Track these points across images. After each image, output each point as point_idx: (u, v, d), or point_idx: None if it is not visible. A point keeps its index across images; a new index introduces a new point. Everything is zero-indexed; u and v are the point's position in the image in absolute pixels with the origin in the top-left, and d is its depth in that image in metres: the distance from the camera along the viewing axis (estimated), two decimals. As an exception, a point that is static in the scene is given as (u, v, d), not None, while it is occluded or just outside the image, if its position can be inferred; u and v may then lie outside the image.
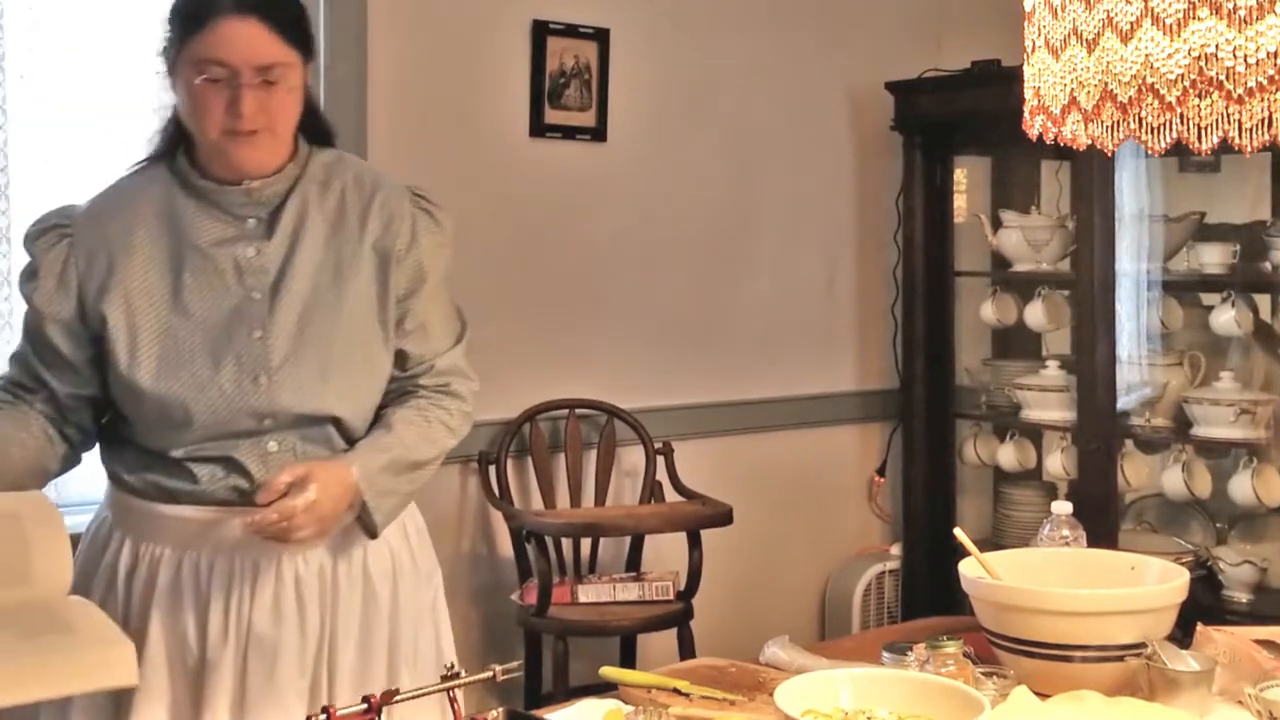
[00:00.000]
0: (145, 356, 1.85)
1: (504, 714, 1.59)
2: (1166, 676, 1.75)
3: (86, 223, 1.91)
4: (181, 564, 1.88)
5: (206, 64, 1.82)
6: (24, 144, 3.12)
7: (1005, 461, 4.20)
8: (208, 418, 1.85)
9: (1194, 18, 1.47)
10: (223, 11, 1.82)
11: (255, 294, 1.88)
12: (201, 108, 1.84)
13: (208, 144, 1.87)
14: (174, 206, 1.90)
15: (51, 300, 1.88)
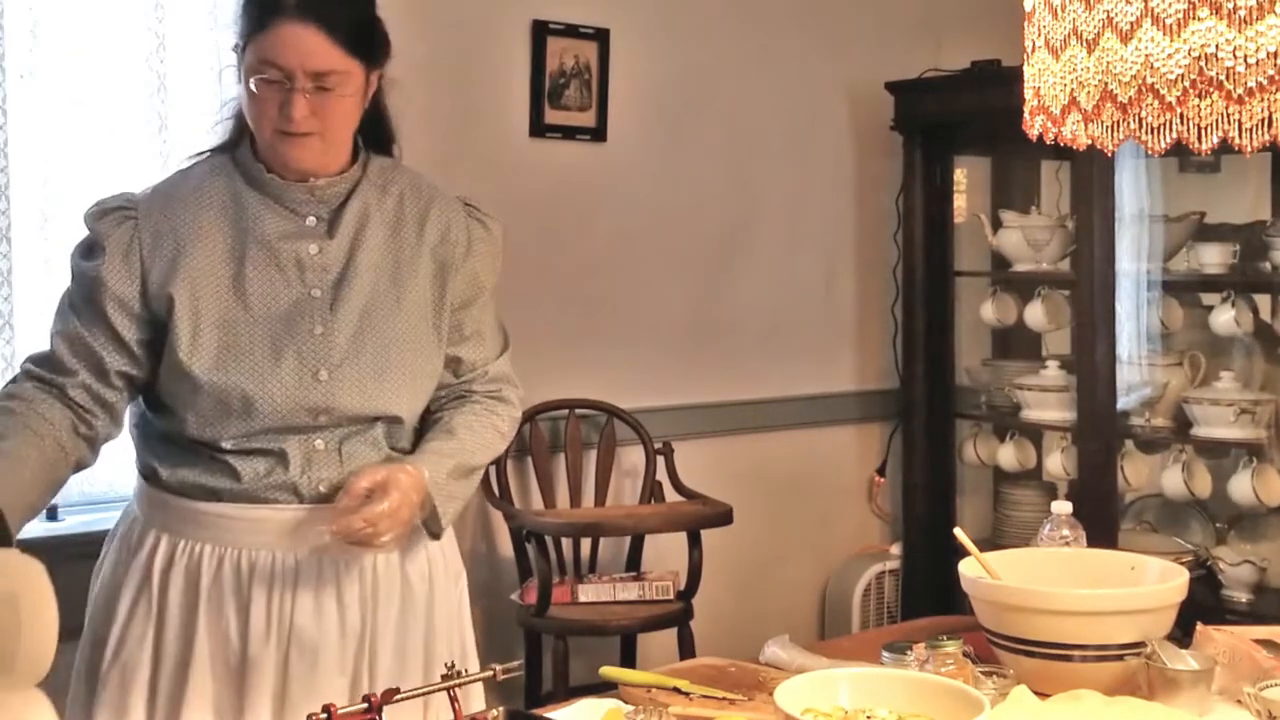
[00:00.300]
0: (206, 344, 1.85)
1: (504, 714, 1.59)
2: (1166, 676, 1.76)
3: (151, 208, 1.90)
4: (223, 561, 1.88)
5: (263, 65, 1.84)
6: (24, 144, 3.12)
7: (1005, 461, 4.20)
8: (266, 408, 1.85)
9: (1194, 18, 1.47)
10: (284, 14, 1.83)
11: (315, 291, 1.90)
12: (257, 106, 1.86)
13: (263, 141, 1.90)
14: (238, 198, 1.91)
15: (116, 275, 1.86)
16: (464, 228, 2.03)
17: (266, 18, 1.84)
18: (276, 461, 1.88)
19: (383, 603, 1.94)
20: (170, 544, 1.91)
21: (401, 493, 1.83)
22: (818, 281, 4.39)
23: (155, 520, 1.93)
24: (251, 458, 1.87)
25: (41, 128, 3.15)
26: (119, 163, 3.25)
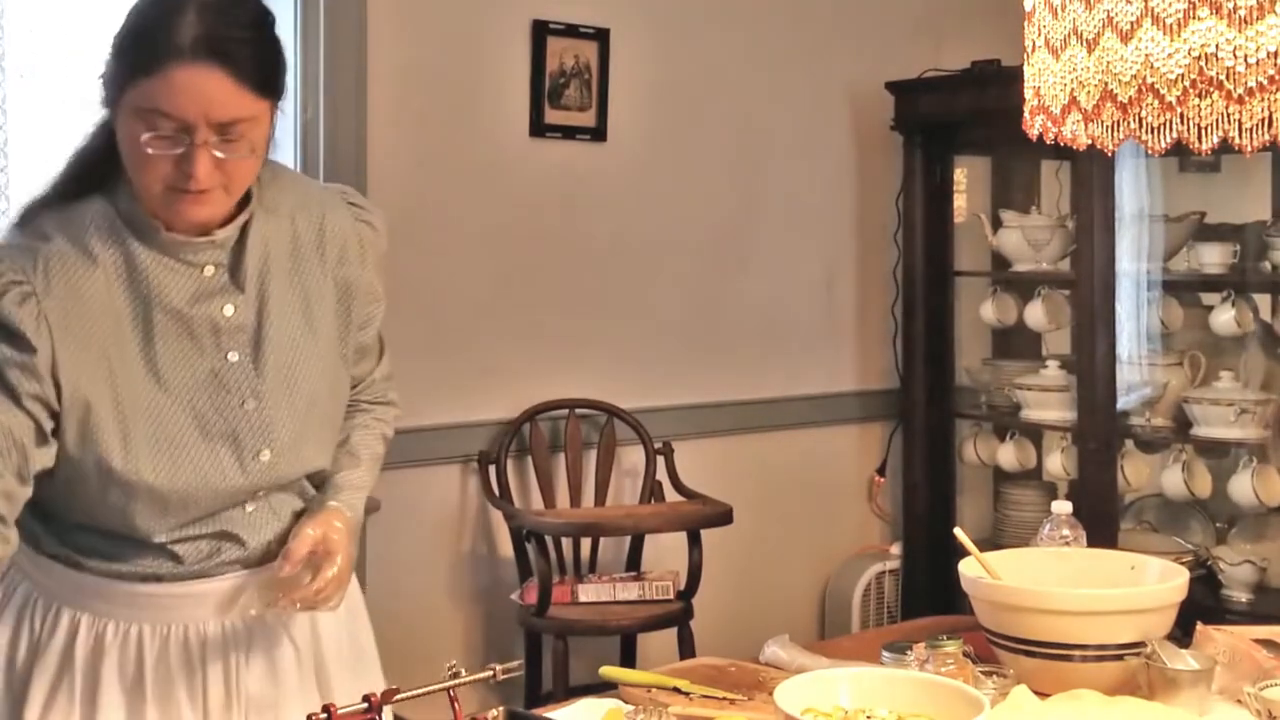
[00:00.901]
0: (137, 444, 1.61)
1: (504, 714, 1.59)
2: (1166, 676, 1.75)
3: (50, 282, 1.57)
4: (168, 640, 1.70)
5: (153, 115, 1.54)
6: (24, 143, 3.13)
7: (1005, 461, 4.20)
8: (206, 500, 1.66)
9: (1194, 17, 1.47)
10: (179, 57, 1.52)
11: (232, 354, 1.66)
12: (144, 162, 1.56)
13: (150, 198, 1.60)
14: (131, 258, 1.62)
15: (34, 365, 1.56)
16: (356, 236, 1.79)
17: (157, 60, 1.52)
18: (219, 539, 1.70)
19: (330, 648, 1.82)
20: (96, 626, 1.68)
21: (344, 552, 1.71)
22: (818, 281, 4.39)
23: (70, 599, 1.69)
24: (193, 542, 1.69)
25: (41, 128, 3.15)
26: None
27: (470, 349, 3.72)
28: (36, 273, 1.57)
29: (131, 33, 1.57)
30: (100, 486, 1.62)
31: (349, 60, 3.44)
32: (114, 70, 1.59)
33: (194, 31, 1.52)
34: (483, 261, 3.73)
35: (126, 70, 1.56)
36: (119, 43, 1.58)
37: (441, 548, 3.71)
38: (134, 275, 1.62)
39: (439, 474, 3.68)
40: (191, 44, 1.52)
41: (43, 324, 1.56)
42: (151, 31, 1.54)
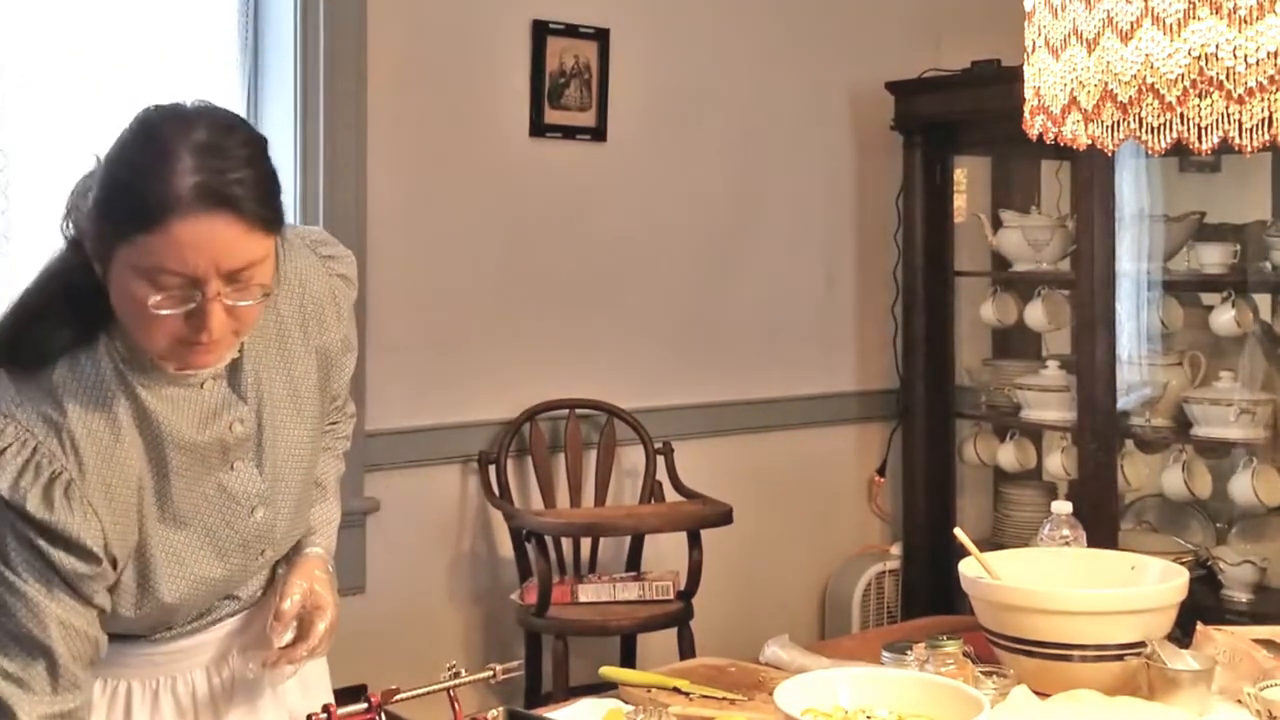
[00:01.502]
0: (157, 583, 1.57)
1: (504, 714, 1.59)
2: (1166, 676, 1.75)
3: (78, 460, 1.49)
4: (158, 691, 1.68)
5: (158, 273, 1.40)
6: (24, 144, 3.12)
7: (1005, 461, 4.20)
8: (213, 604, 1.68)
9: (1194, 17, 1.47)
10: (181, 209, 1.38)
11: (238, 465, 1.61)
12: (149, 322, 1.44)
13: (155, 351, 1.49)
14: (138, 400, 1.53)
15: (101, 570, 1.51)
16: (332, 297, 1.73)
17: (156, 216, 1.38)
18: (214, 602, 1.69)
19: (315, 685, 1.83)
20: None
21: (332, 605, 1.71)
22: (818, 281, 4.39)
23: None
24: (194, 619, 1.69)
25: (42, 128, 3.15)
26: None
27: (470, 349, 3.72)
28: (68, 455, 1.48)
29: (121, 187, 1.43)
30: (111, 615, 1.57)
31: (349, 60, 3.44)
32: (103, 229, 1.44)
33: (193, 179, 1.39)
34: (483, 261, 3.73)
35: (121, 228, 1.41)
36: (106, 198, 1.44)
37: (441, 548, 3.71)
38: (144, 421, 1.54)
39: (439, 474, 3.68)
40: (191, 193, 1.39)
41: (89, 512, 1.49)
42: (144, 184, 1.40)
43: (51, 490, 1.46)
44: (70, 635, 1.49)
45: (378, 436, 3.56)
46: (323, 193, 3.40)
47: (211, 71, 3.37)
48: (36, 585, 1.46)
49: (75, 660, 1.49)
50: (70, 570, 1.47)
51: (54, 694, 1.48)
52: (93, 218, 1.45)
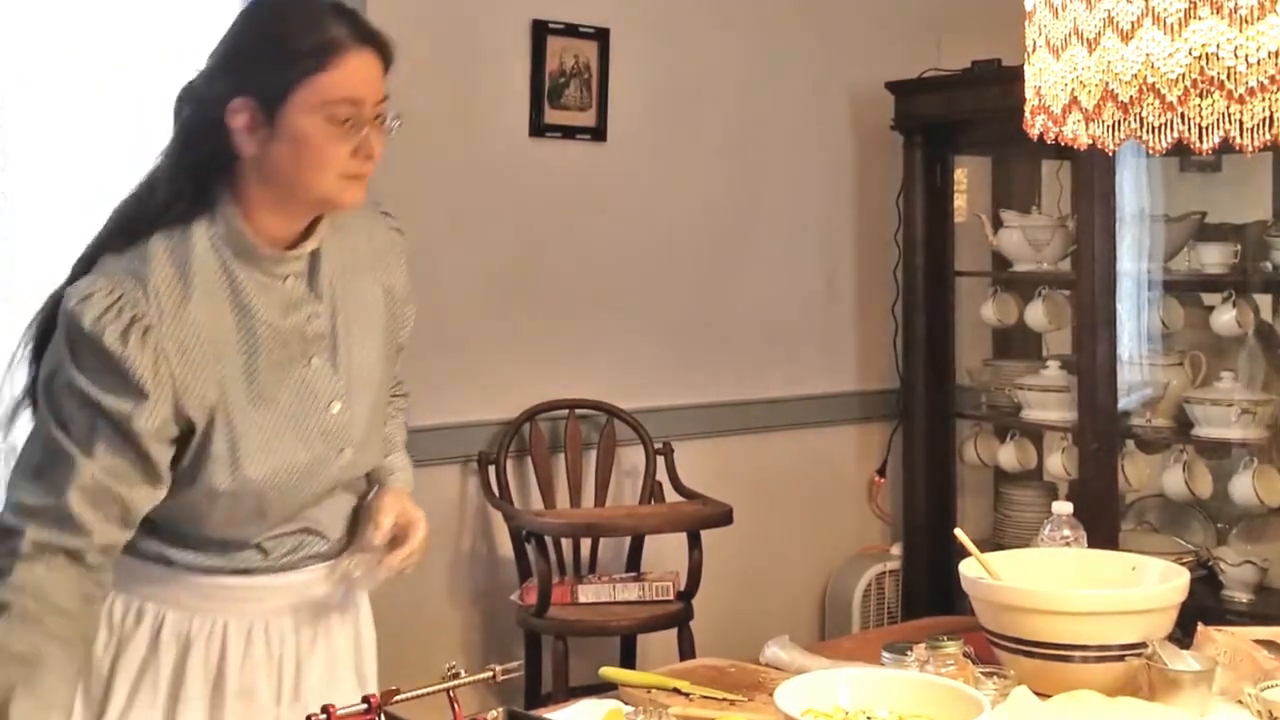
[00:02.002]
0: (247, 457, 1.69)
1: (504, 714, 1.59)
2: (1167, 676, 1.75)
3: (163, 310, 1.64)
4: (251, 632, 1.79)
5: (330, 105, 1.66)
6: (24, 144, 3.12)
7: (1005, 461, 4.20)
8: (297, 502, 1.77)
9: (1195, 17, 1.47)
10: (347, 46, 1.68)
11: (315, 361, 1.75)
12: (322, 153, 1.67)
13: (309, 189, 1.69)
14: (231, 276, 1.69)
15: (151, 409, 1.62)
16: (390, 244, 1.92)
17: (326, 55, 1.66)
18: (303, 534, 1.80)
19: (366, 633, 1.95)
20: (182, 621, 1.76)
21: (423, 521, 1.86)
22: (818, 281, 4.39)
23: (155, 595, 1.77)
24: (280, 538, 1.79)
25: (42, 128, 3.15)
26: (119, 163, 3.25)
27: (470, 349, 3.72)
28: (150, 302, 1.63)
29: (284, 42, 1.68)
30: (208, 500, 1.71)
31: (349, 60, 3.44)
32: (273, 82, 1.66)
33: (345, 25, 1.70)
34: (482, 261, 3.73)
35: (296, 73, 1.65)
36: (273, 55, 1.67)
37: (441, 548, 3.71)
38: (236, 294, 1.70)
39: (439, 474, 3.68)
40: (349, 35, 1.69)
41: (162, 360, 1.63)
42: (310, 33, 1.67)
43: (129, 331, 1.61)
44: (98, 489, 1.61)
45: (378, 437, 3.57)
46: (323, 193, 3.40)
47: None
48: (80, 433, 1.61)
49: (95, 508, 1.61)
50: (118, 413, 1.61)
51: (60, 531, 1.60)
52: (257, 78, 1.67)
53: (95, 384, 1.61)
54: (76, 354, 1.62)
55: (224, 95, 1.69)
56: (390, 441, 1.97)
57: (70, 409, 1.62)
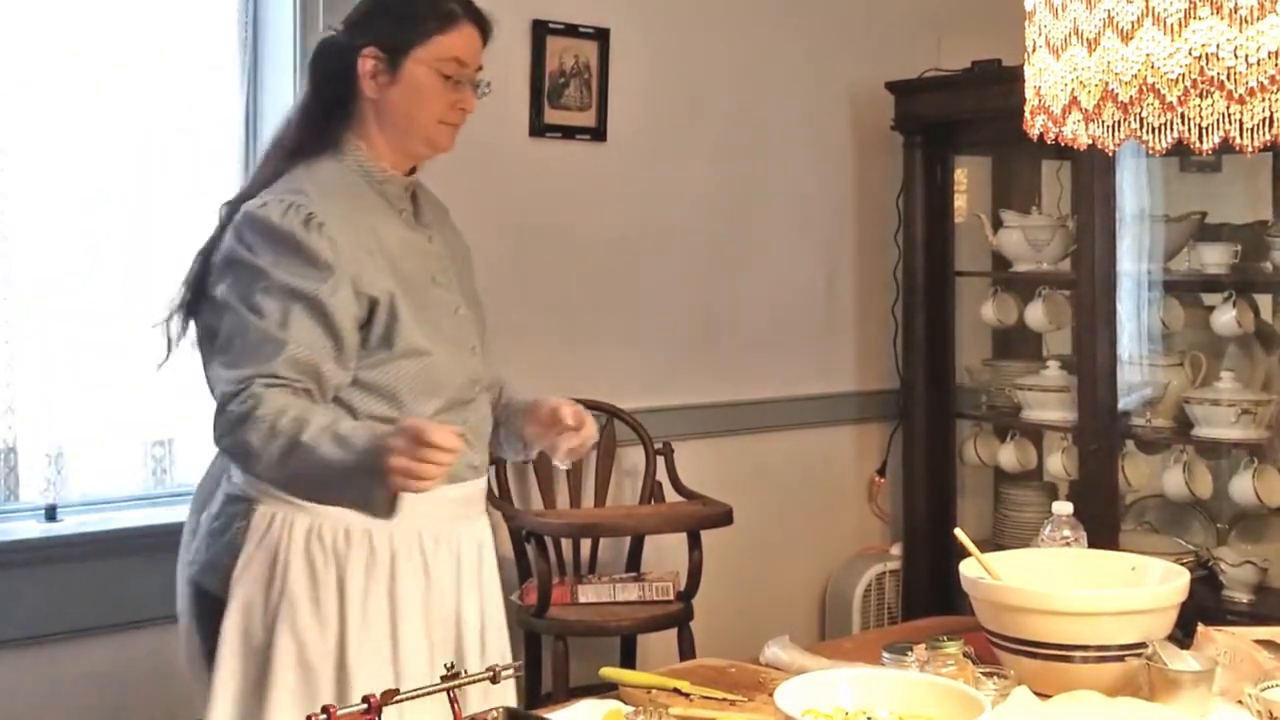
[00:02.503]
0: (419, 330, 2.02)
1: (504, 714, 1.59)
2: (1167, 677, 1.75)
3: (326, 208, 1.97)
4: (423, 543, 2.06)
5: (447, 62, 2.06)
6: (24, 144, 3.12)
7: (1006, 462, 4.20)
8: (459, 383, 2.07)
9: (1195, 17, 1.47)
10: (463, 18, 2.08)
11: (437, 276, 2.11)
12: (429, 97, 2.06)
13: (418, 129, 2.09)
14: (363, 197, 2.06)
15: (340, 286, 1.94)
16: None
17: (451, 20, 2.06)
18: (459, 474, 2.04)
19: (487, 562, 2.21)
20: (384, 535, 2.01)
21: (587, 411, 2.17)
22: (818, 281, 4.39)
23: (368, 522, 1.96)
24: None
25: (42, 128, 3.14)
26: (119, 163, 3.25)
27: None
28: (319, 206, 1.97)
29: (409, 6, 2.07)
30: (391, 361, 2.00)
31: (349, 60, 3.44)
32: (402, 36, 2.05)
33: (460, 4, 2.09)
34: (482, 261, 3.71)
35: (420, 32, 2.05)
36: (397, 17, 2.06)
37: (441, 548, 3.71)
38: (369, 211, 2.05)
39: (439, 474, 3.67)
40: (463, 10, 2.08)
41: (336, 247, 1.95)
42: (429, 6, 2.06)
43: (309, 223, 1.94)
44: (298, 363, 1.91)
45: (378, 437, 3.56)
46: (322, 193, 3.40)
47: (211, 71, 3.37)
48: (277, 317, 1.91)
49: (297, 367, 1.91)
50: (310, 292, 1.92)
51: (278, 380, 1.90)
52: (386, 33, 2.05)
53: (287, 270, 1.92)
54: (265, 248, 1.94)
55: (358, 45, 2.05)
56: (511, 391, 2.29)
57: (264, 300, 1.91)
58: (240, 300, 1.93)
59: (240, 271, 1.95)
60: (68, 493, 3.21)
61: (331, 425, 1.85)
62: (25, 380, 3.12)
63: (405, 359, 2.00)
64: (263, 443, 1.85)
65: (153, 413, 3.32)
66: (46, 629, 3.12)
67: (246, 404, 1.86)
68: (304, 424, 1.84)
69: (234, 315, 1.93)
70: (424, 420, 1.86)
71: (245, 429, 1.86)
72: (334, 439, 1.82)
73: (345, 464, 1.81)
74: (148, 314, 3.29)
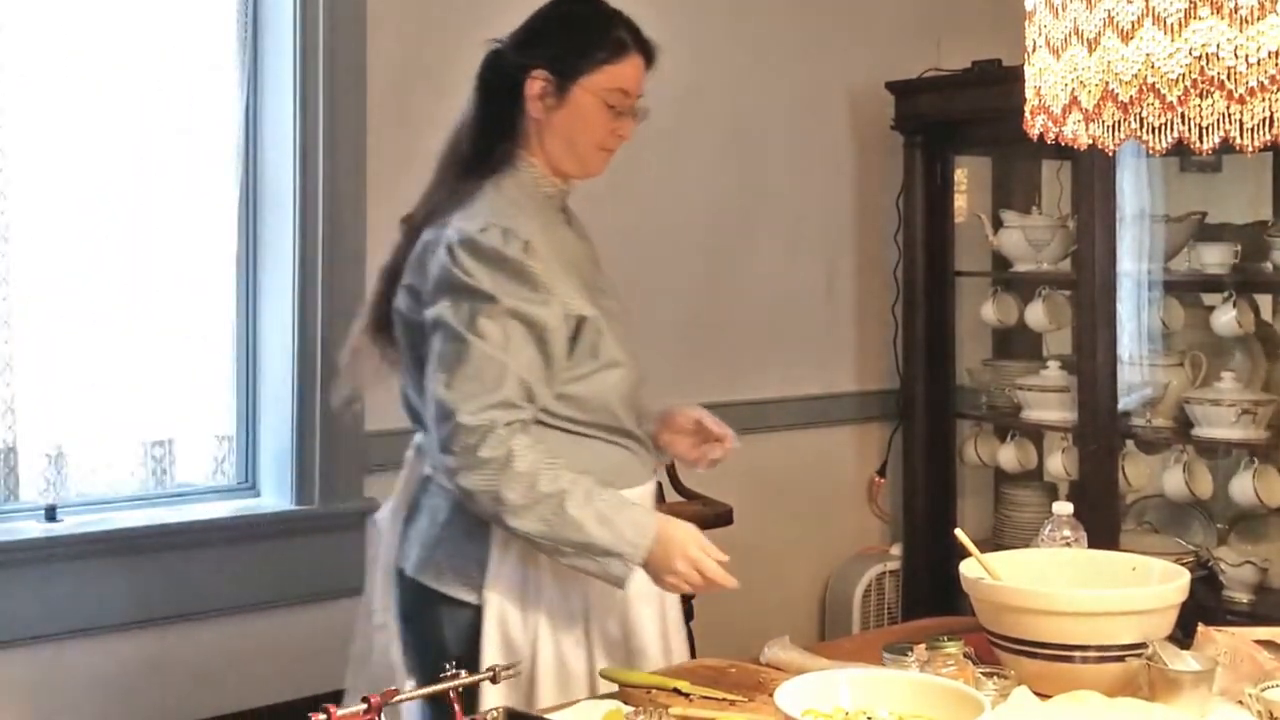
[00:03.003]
0: (611, 337, 2.13)
1: (504, 714, 1.59)
2: (1167, 677, 1.75)
3: (530, 229, 2.06)
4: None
5: (614, 91, 2.12)
6: (24, 144, 3.12)
7: (1006, 462, 4.20)
8: (638, 384, 2.19)
9: (1195, 17, 1.47)
10: (632, 49, 2.14)
11: (600, 283, 2.21)
12: (593, 124, 2.13)
13: (578, 153, 2.16)
14: (548, 213, 2.17)
15: (553, 310, 2.04)
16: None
17: (621, 50, 2.12)
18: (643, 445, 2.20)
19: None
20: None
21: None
22: (818, 281, 4.39)
23: None
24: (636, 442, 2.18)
25: (41, 128, 3.14)
26: (119, 163, 3.25)
27: (470, 349, 3.71)
28: (523, 227, 2.05)
29: (582, 34, 2.13)
30: (596, 374, 2.11)
31: (349, 60, 3.44)
32: (573, 62, 2.11)
33: (629, 32, 2.14)
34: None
35: (592, 60, 2.11)
36: (569, 43, 2.12)
37: (441, 548, 3.71)
38: (550, 224, 2.15)
39: (439, 474, 3.67)
40: (632, 40, 2.14)
41: (547, 267, 2.04)
42: (601, 34, 2.13)
43: (526, 249, 2.04)
44: (521, 384, 2.00)
45: (378, 436, 3.56)
46: (323, 192, 3.40)
47: (211, 71, 3.37)
48: (499, 340, 2.00)
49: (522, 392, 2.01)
50: (530, 315, 2.01)
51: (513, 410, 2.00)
52: (557, 57, 2.11)
53: (507, 294, 2.00)
54: (485, 273, 2.01)
55: (526, 64, 2.12)
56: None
57: (487, 323, 2.00)
58: (462, 324, 2.00)
59: (460, 295, 2.02)
60: (68, 493, 3.21)
61: (592, 498, 1.98)
62: (25, 380, 3.12)
63: (607, 370, 2.11)
64: (523, 501, 1.96)
65: (153, 413, 3.32)
66: (46, 629, 3.12)
67: (499, 450, 1.96)
68: (565, 494, 1.97)
69: (455, 338, 2.01)
70: (689, 536, 2.01)
71: (503, 481, 1.97)
72: (599, 518, 1.96)
73: (603, 545, 1.96)
74: (148, 314, 3.31)
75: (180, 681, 3.33)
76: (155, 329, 3.31)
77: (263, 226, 3.48)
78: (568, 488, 1.97)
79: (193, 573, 3.32)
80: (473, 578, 2.08)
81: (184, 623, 3.31)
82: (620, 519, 1.97)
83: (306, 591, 3.48)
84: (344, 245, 3.45)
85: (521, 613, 2.07)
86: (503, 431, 1.97)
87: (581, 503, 1.96)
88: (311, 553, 3.48)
